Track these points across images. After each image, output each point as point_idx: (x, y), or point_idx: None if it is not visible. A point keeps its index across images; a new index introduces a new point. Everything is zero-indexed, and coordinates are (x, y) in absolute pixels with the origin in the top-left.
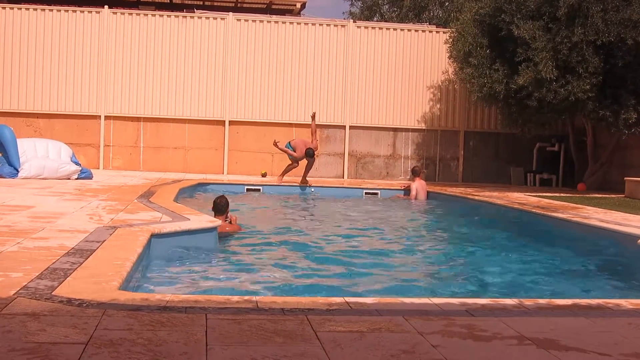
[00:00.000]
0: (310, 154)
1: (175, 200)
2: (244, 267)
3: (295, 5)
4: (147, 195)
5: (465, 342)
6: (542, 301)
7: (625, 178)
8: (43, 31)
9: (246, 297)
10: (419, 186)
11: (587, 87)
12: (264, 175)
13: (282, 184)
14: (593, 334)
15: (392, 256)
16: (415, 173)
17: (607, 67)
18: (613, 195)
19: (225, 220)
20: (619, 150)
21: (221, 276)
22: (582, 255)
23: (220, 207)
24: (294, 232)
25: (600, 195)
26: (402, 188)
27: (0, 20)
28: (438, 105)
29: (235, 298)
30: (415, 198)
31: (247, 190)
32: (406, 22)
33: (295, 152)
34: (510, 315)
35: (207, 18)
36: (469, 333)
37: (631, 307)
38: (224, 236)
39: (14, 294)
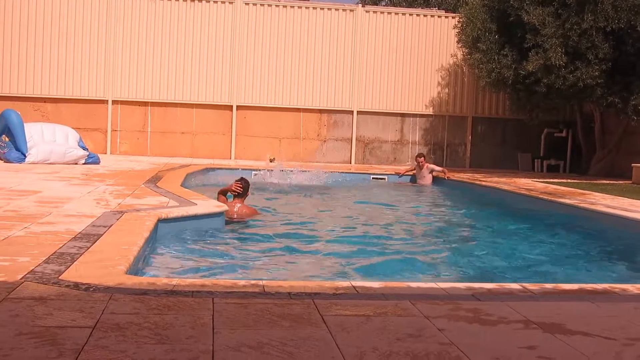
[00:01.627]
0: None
1: (182, 185)
2: (252, 252)
3: None
4: (154, 180)
5: (472, 326)
6: (548, 286)
7: (632, 164)
8: (51, 15)
9: (253, 282)
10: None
11: (596, 73)
12: (272, 160)
13: (289, 168)
14: (599, 318)
15: (395, 240)
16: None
17: (616, 53)
18: (620, 182)
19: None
20: (627, 136)
21: (228, 261)
22: (588, 240)
23: (240, 191)
24: (302, 218)
25: (608, 182)
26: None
27: (7, 3)
28: (446, 91)
29: (242, 282)
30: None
31: (255, 175)
32: (415, 7)
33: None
34: (516, 299)
35: (215, 2)
36: (475, 317)
37: (637, 292)
38: (240, 219)
39: (21, 279)
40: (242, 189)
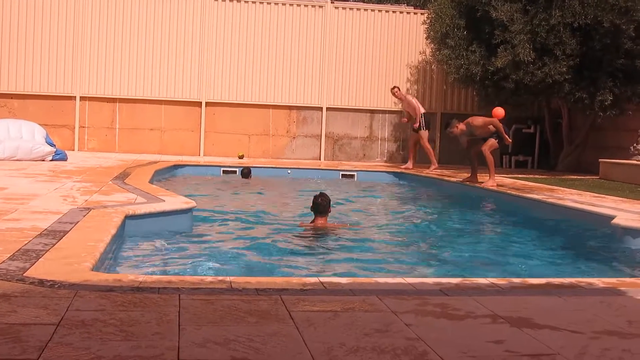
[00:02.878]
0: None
1: (151, 181)
2: (219, 248)
3: None
4: (122, 176)
5: (439, 321)
6: (515, 280)
7: (599, 160)
8: (18, 10)
9: (220, 278)
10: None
11: (564, 69)
12: (241, 157)
13: (258, 165)
14: (566, 312)
15: (366, 237)
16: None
17: (584, 49)
18: (588, 177)
19: (328, 221)
20: (594, 132)
21: (195, 257)
22: (556, 235)
23: (321, 207)
24: (268, 213)
25: (575, 177)
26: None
27: None
28: (415, 87)
29: (209, 278)
30: None
31: (224, 172)
32: (384, 4)
33: None
34: (484, 294)
35: None
36: (443, 312)
37: (603, 285)
38: (330, 233)
39: None
40: (321, 205)
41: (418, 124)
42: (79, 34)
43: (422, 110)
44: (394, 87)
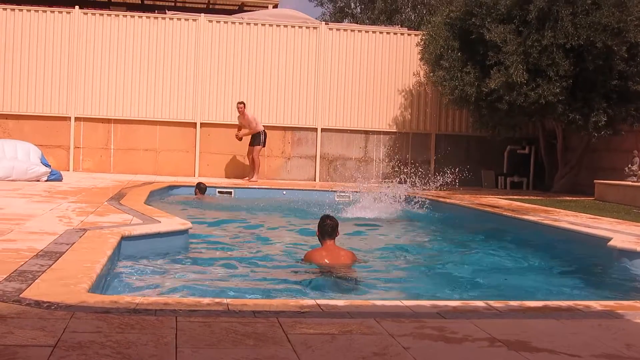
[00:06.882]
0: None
1: (146, 202)
2: (215, 270)
3: (267, 7)
4: (118, 197)
5: (437, 344)
6: (513, 303)
7: (594, 181)
8: (13, 31)
9: (217, 300)
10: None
11: (557, 90)
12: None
13: (255, 186)
14: (563, 335)
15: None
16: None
17: (577, 70)
18: (583, 198)
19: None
20: (589, 153)
21: (192, 279)
22: (552, 257)
23: (332, 229)
24: (265, 235)
25: (570, 198)
26: None
27: None
28: (409, 108)
29: (206, 300)
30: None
31: (219, 192)
32: (378, 25)
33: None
34: (481, 317)
35: (179, 19)
36: (440, 335)
37: (601, 308)
38: (340, 267)
39: None
40: (331, 226)
41: (252, 139)
42: (73, 55)
43: (261, 129)
44: (240, 102)
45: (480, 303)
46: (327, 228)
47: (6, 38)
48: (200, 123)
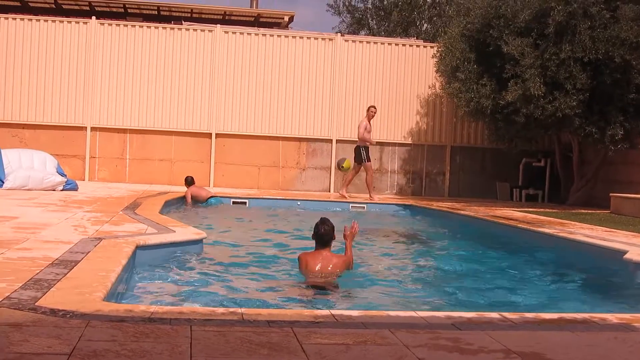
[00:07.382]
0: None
1: (161, 212)
2: (230, 279)
3: (283, 18)
4: (133, 207)
5: (451, 355)
6: (528, 315)
7: (610, 194)
8: (30, 42)
9: (231, 309)
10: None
11: (574, 103)
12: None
13: (268, 197)
14: (579, 347)
15: (376, 269)
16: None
17: (594, 83)
18: (599, 211)
19: (331, 251)
20: (605, 166)
21: (207, 288)
22: (567, 270)
23: (326, 238)
24: (279, 244)
25: (586, 211)
26: None
27: None
28: (425, 120)
29: (221, 310)
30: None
31: (234, 203)
32: (394, 37)
33: None
34: (497, 329)
35: (195, 30)
36: (455, 346)
37: (617, 321)
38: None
39: None
40: (325, 235)
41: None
42: (90, 65)
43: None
44: (371, 105)
45: (494, 314)
46: (322, 237)
47: (23, 48)
48: (216, 134)
